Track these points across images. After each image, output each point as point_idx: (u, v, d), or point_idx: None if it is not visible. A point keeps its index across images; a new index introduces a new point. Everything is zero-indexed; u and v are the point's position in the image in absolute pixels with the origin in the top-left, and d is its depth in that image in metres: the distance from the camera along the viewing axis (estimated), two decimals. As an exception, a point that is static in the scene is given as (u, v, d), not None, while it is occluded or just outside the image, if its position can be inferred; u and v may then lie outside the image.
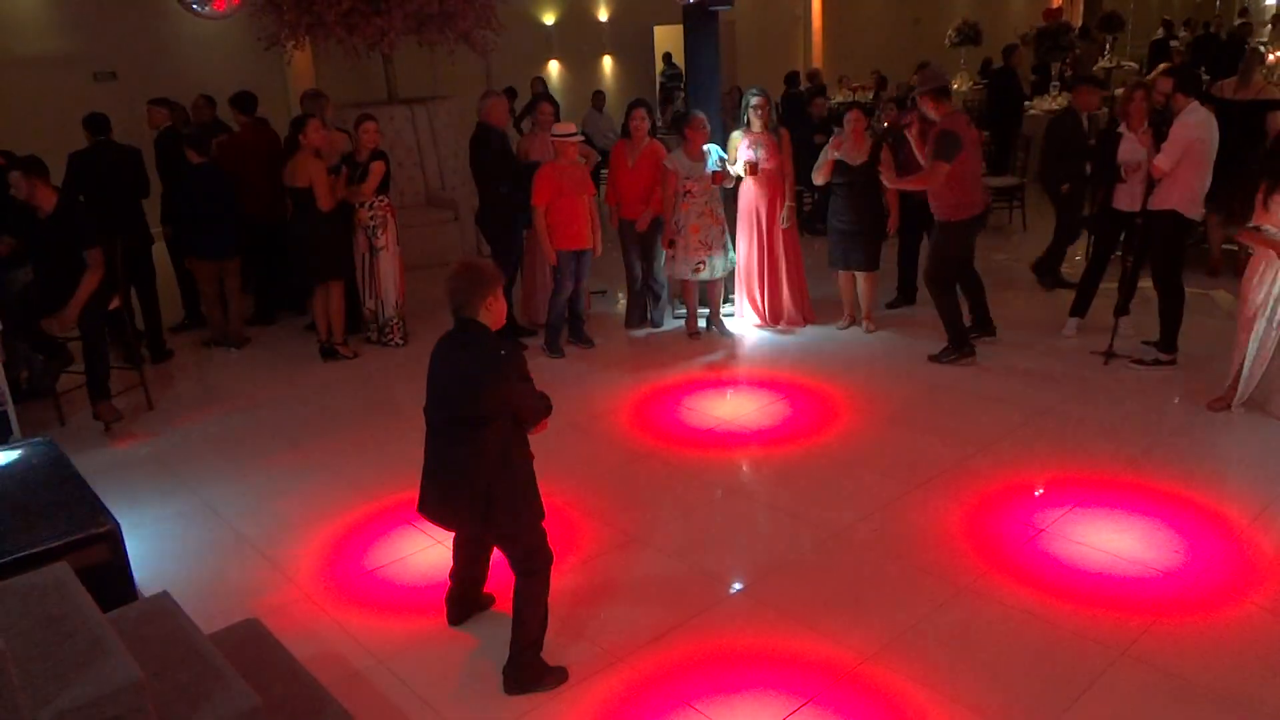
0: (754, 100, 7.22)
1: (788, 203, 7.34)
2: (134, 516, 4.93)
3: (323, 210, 6.90)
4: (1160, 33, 16.59)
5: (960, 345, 6.65)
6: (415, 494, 3.73)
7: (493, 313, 3.48)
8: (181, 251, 7.71)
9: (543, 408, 3.60)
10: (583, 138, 7.01)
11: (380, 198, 7.15)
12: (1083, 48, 14.30)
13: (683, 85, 12.20)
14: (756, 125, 7.19)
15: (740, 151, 7.19)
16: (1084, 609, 3.98)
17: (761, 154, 7.14)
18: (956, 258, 6.66)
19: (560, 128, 7.00)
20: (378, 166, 7.04)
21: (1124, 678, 3.58)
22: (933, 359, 6.70)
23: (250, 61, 11.04)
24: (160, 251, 7.87)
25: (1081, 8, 23.10)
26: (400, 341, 7.42)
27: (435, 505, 3.65)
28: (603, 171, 8.77)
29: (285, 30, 9.31)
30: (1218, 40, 15.18)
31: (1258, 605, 3.96)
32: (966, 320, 6.85)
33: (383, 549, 4.71)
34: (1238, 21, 17.98)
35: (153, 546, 4.81)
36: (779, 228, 7.35)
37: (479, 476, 3.46)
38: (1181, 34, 10.82)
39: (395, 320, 7.44)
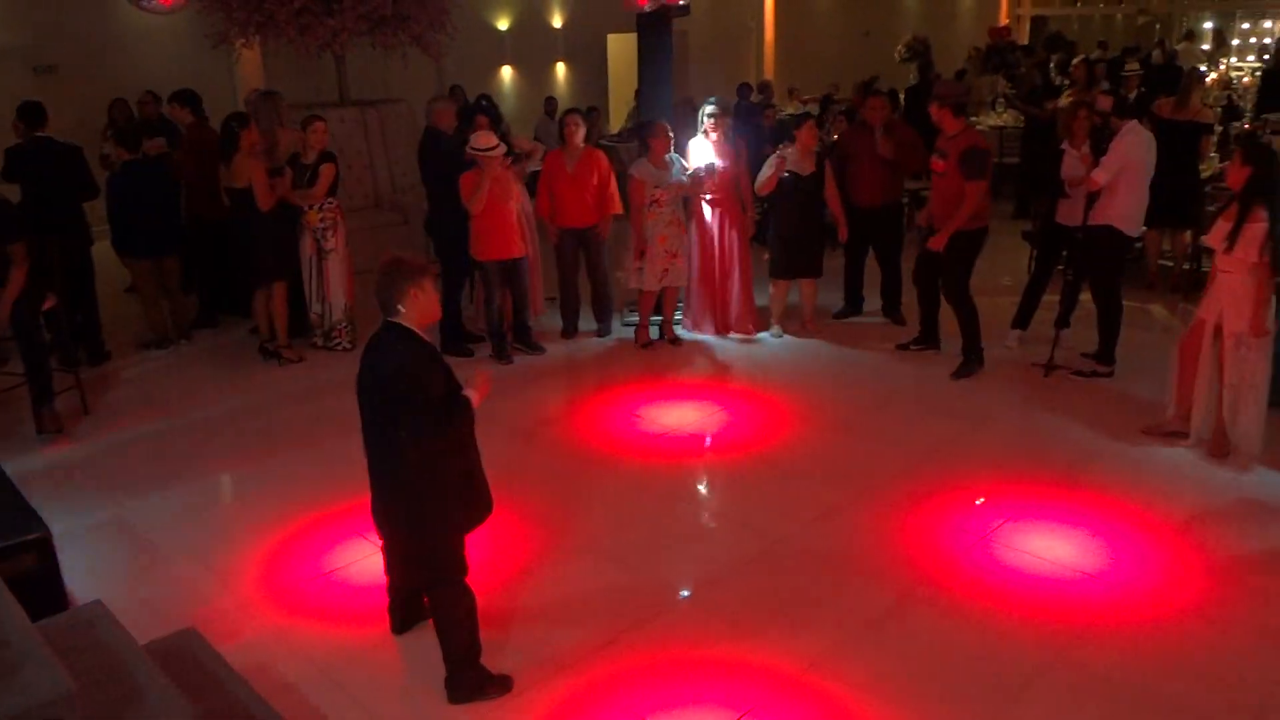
0: (710, 110, 7.28)
1: (749, 212, 7.42)
2: (67, 523, 4.81)
3: (262, 210, 6.79)
4: (1096, 53, 17.00)
5: (979, 357, 6.67)
6: (359, 501, 3.70)
7: (419, 305, 3.38)
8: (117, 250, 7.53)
9: (433, 422, 3.31)
10: (505, 149, 6.84)
11: (330, 200, 7.07)
12: (1026, 66, 14.60)
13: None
14: (714, 135, 7.24)
15: (698, 159, 7.25)
16: (1022, 614, 4.06)
17: (718, 163, 7.20)
18: (970, 268, 6.61)
19: (480, 140, 6.66)
20: (328, 169, 6.96)
21: (1060, 681, 3.66)
22: (955, 376, 6.62)
23: (198, 59, 10.84)
24: (107, 251, 7.69)
25: (1028, 27, 23.60)
26: (348, 345, 7.33)
27: (372, 511, 3.63)
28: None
29: (234, 28, 9.17)
30: (1156, 65, 15.59)
31: (1186, 610, 4.07)
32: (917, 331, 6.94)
33: (326, 556, 4.65)
34: (1180, 44, 18.47)
35: (86, 554, 4.68)
36: (731, 237, 7.40)
37: (396, 483, 3.44)
38: (1130, 65, 11.26)
39: (343, 324, 7.35)
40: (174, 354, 7.54)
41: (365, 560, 4.55)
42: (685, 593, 4.33)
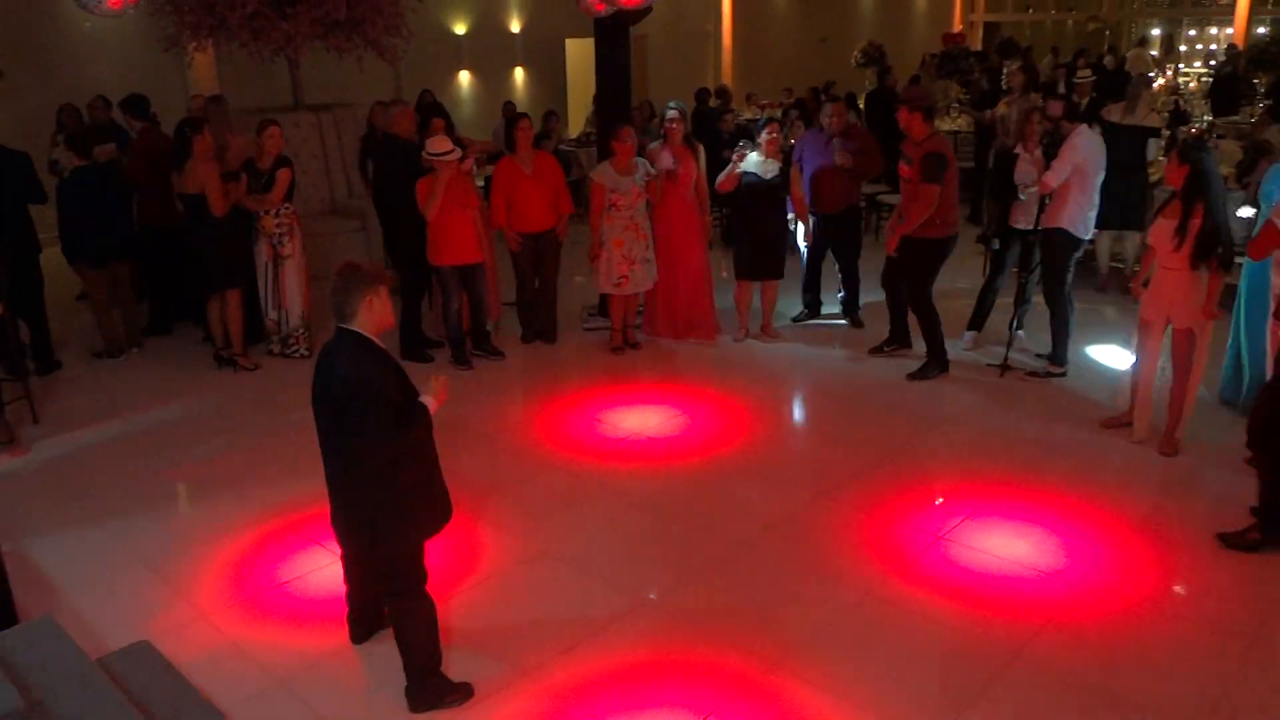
0: (671, 114, 7.30)
1: (707, 216, 7.43)
2: (15, 535, 4.71)
3: (216, 216, 6.70)
4: (1048, 58, 17.29)
5: (942, 363, 6.74)
6: (317, 509, 3.66)
7: (375, 312, 3.34)
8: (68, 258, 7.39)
9: (389, 429, 3.26)
10: (460, 153, 6.81)
11: (286, 206, 6.99)
12: (978, 71, 14.82)
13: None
14: (674, 138, 7.26)
15: (658, 162, 7.27)
16: (981, 612, 4.11)
17: (679, 167, 7.22)
18: (934, 275, 6.66)
19: (435, 145, 6.62)
20: (284, 174, 6.88)
21: (1019, 678, 3.70)
22: (912, 378, 6.69)
23: (149, 63, 10.68)
24: (57, 259, 7.54)
25: (981, 33, 23.97)
26: (305, 352, 7.25)
27: (331, 519, 3.60)
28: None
29: (186, 31, 9.04)
30: (1108, 70, 15.88)
31: (1142, 605, 4.14)
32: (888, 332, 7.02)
33: (284, 566, 4.59)
34: (1132, 51, 18.80)
35: (36, 567, 4.59)
36: (692, 241, 7.42)
37: (353, 492, 3.41)
38: (1082, 72, 11.48)
39: (300, 331, 7.27)
40: (127, 362, 7.41)
41: (324, 569, 4.50)
42: (650, 596, 4.33)
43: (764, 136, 7.19)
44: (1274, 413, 4.42)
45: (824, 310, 8.06)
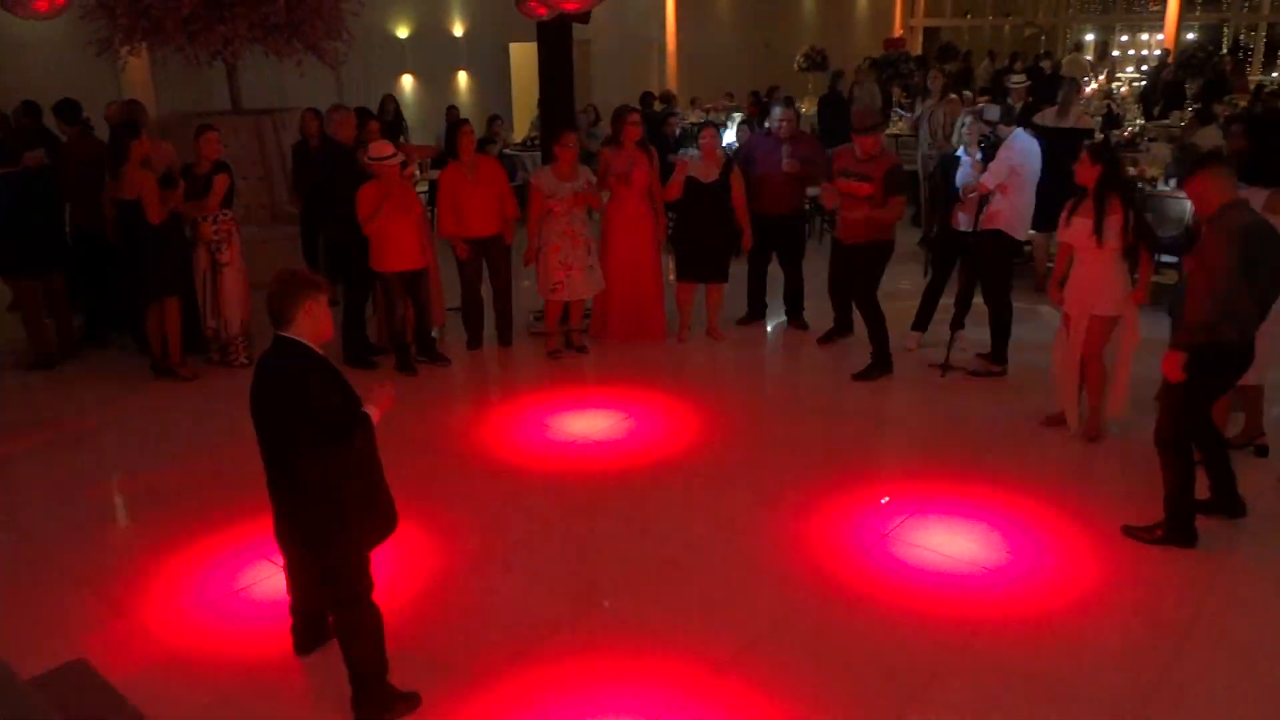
0: (627, 117, 7.34)
1: (661, 219, 7.47)
2: (-55, 553, 4.57)
3: (152, 224, 6.57)
4: (985, 62, 17.62)
5: (887, 364, 6.83)
6: (259, 519, 3.60)
7: (313, 318, 3.30)
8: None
9: (330, 439, 3.22)
10: (402, 159, 6.75)
11: (224, 212, 6.87)
12: (920, 76, 15.04)
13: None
14: (627, 142, 7.27)
15: (611, 165, 7.28)
16: (925, 609, 4.17)
17: (633, 169, 7.23)
18: (879, 277, 6.84)
19: (376, 149, 6.59)
20: (221, 179, 6.76)
21: (963, 673, 3.77)
22: (857, 378, 6.78)
23: (81, 67, 10.41)
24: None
25: (921, 38, 24.34)
26: (245, 361, 7.12)
27: (274, 530, 3.54)
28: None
29: (119, 35, 8.84)
30: (1044, 73, 16.23)
31: (1080, 599, 4.23)
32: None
33: (226, 579, 4.50)
34: (1067, 56, 19.21)
35: (-34, 585, 4.46)
36: (645, 245, 7.43)
37: (295, 502, 3.37)
38: (1016, 77, 11.77)
39: (240, 339, 7.15)
40: (61, 374, 7.22)
41: (267, 580, 4.43)
42: (596, 603, 4.33)
43: (700, 141, 7.26)
44: (1175, 417, 4.54)
45: (768, 312, 8.13)
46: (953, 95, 10.39)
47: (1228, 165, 4.52)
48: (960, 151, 6.92)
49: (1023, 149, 6.46)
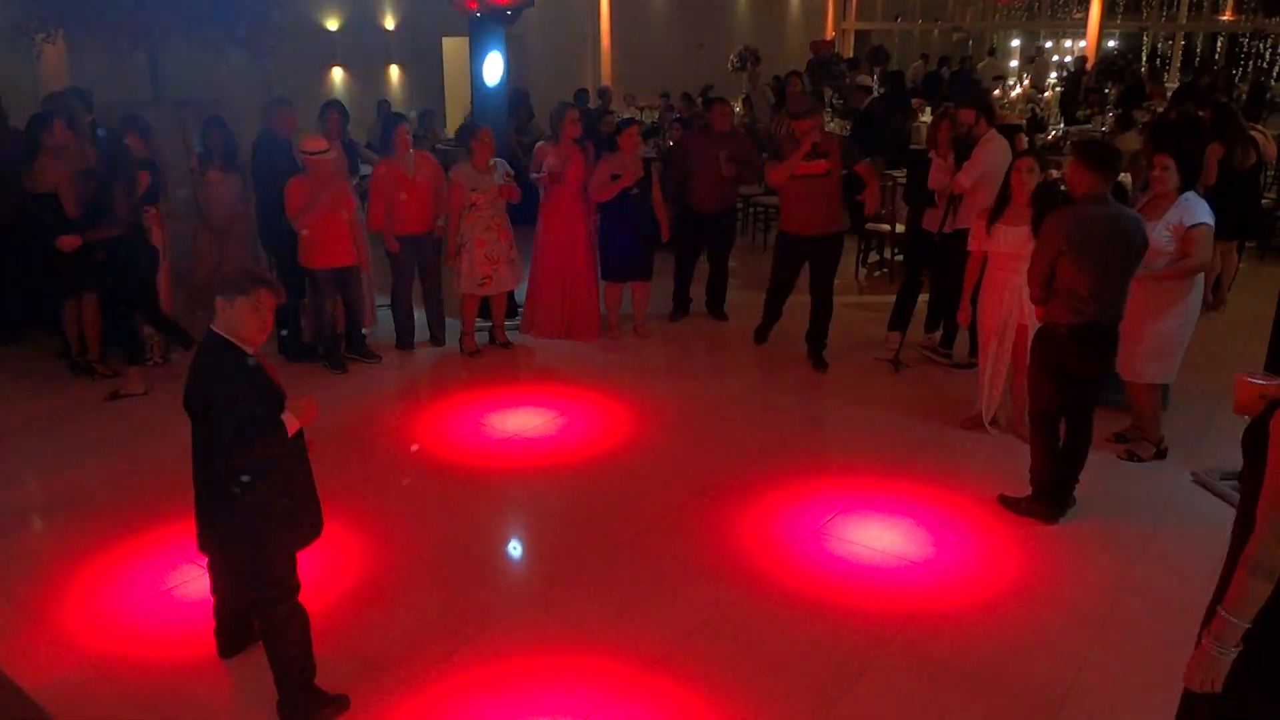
0: (566, 114, 7.29)
1: (595, 218, 7.45)
2: None
3: (70, 217, 6.35)
4: (917, 63, 17.94)
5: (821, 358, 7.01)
6: (182, 521, 3.52)
7: (245, 317, 3.22)
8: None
9: (243, 440, 3.16)
10: (335, 154, 6.64)
11: (146, 209, 6.67)
12: (850, 77, 15.26)
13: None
14: (565, 138, 7.24)
15: (546, 162, 7.24)
16: (854, 604, 4.23)
17: (567, 167, 7.20)
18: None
19: (310, 144, 6.47)
20: (143, 176, 6.57)
21: (891, 666, 3.83)
22: (818, 369, 6.96)
23: (-8, 53, 10.03)
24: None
25: (852, 40, 24.66)
26: (159, 360, 6.94)
27: (196, 530, 3.47)
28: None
29: (34, 20, 8.54)
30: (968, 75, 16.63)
31: (1004, 592, 4.34)
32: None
33: (147, 582, 4.38)
34: (983, 62, 19.65)
35: None
36: (577, 242, 7.41)
37: (217, 500, 3.31)
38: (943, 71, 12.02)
39: (155, 337, 6.94)
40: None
41: (190, 582, 4.32)
42: (533, 597, 4.32)
43: (619, 140, 7.25)
44: (1030, 395, 4.94)
45: (692, 308, 8.17)
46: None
47: (1106, 159, 4.61)
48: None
49: (997, 149, 6.51)
